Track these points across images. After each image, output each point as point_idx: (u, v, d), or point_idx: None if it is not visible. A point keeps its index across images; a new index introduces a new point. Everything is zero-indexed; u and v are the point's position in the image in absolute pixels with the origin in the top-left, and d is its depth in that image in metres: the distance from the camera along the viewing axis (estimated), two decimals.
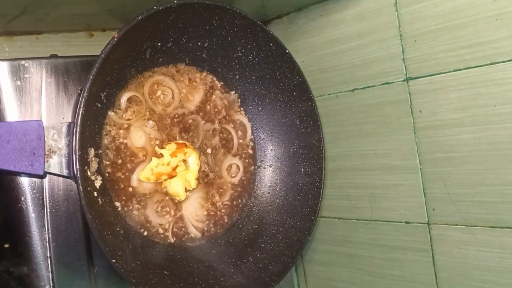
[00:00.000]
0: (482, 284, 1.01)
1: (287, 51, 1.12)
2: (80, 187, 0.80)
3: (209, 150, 1.13)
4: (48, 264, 0.91)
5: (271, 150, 1.22)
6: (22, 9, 0.95)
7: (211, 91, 1.16)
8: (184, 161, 1.06)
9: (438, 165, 1.03)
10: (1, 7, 0.93)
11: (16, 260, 0.91)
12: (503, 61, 0.93)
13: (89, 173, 0.90)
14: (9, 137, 0.81)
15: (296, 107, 1.18)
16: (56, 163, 0.85)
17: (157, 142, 1.04)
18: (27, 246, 0.90)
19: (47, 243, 0.91)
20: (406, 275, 1.12)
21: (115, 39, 0.85)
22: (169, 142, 1.05)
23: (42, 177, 0.89)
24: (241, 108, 1.21)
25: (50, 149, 0.85)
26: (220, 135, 1.16)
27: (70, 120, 0.92)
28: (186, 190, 1.07)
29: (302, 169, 1.19)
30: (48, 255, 0.91)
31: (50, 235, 0.91)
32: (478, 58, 0.96)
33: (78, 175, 0.80)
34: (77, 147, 0.80)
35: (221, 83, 1.17)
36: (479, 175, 0.99)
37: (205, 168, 1.12)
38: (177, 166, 1.03)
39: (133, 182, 1.00)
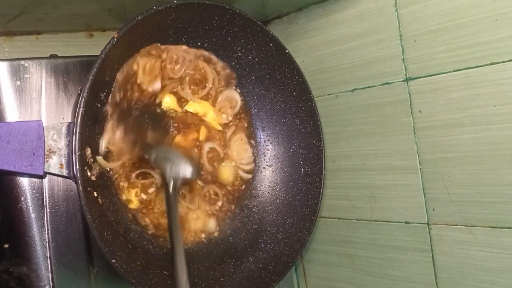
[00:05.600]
0: (482, 284, 1.00)
1: (286, 51, 1.12)
2: (80, 187, 0.80)
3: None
4: (48, 264, 0.91)
5: (271, 150, 1.22)
6: (22, 9, 0.95)
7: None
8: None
9: (438, 165, 1.03)
10: (1, 7, 0.92)
11: (16, 260, 0.91)
12: (503, 61, 0.92)
13: (89, 173, 0.90)
14: (9, 137, 0.81)
15: (296, 107, 1.18)
16: (56, 163, 0.85)
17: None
18: (27, 246, 0.90)
19: (47, 243, 0.91)
20: (406, 275, 1.12)
21: (115, 39, 0.86)
22: None
23: (42, 177, 0.89)
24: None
25: (50, 149, 0.85)
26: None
27: (70, 120, 0.92)
28: None
29: (302, 169, 1.19)
30: (48, 255, 0.91)
31: (50, 235, 0.91)
32: (478, 58, 0.95)
33: (78, 175, 0.80)
34: (76, 147, 0.80)
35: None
36: (479, 175, 0.98)
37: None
38: None
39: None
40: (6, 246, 0.91)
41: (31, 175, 0.87)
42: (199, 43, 1.08)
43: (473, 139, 0.98)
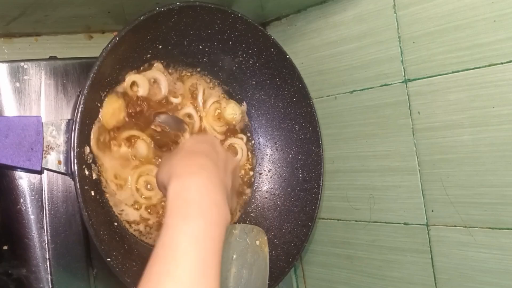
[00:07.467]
0: (481, 286, 1.00)
1: (287, 56, 1.13)
2: (77, 184, 0.80)
3: None
4: (47, 266, 0.91)
5: (270, 155, 1.22)
6: (21, 11, 0.95)
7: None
8: None
9: (437, 167, 1.03)
10: (0, 9, 0.93)
11: (15, 262, 0.91)
12: (501, 63, 0.93)
13: (86, 172, 0.90)
14: (7, 131, 0.81)
15: (295, 113, 1.18)
16: (54, 160, 0.85)
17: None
18: (26, 248, 0.90)
19: (46, 245, 0.91)
20: (405, 276, 1.12)
21: (117, 38, 0.86)
22: None
23: (40, 172, 0.89)
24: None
25: (48, 145, 0.85)
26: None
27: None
28: None
29: (300, 175, 1.19)
30: (47, 257, 0.91)
31: (49, 237, 0.91)
32: (477, 59, 0.96)
33: (76, 172, 0.80)
34: (75, 144, 0.80)
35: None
36: (477, 177, 0.99)
37: None
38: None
39: None
40: (5, 247, 0.91)
41: (28, 170, 0.87)
42: (200, 46, 1.08)
43: (472, 141, 0.98)
